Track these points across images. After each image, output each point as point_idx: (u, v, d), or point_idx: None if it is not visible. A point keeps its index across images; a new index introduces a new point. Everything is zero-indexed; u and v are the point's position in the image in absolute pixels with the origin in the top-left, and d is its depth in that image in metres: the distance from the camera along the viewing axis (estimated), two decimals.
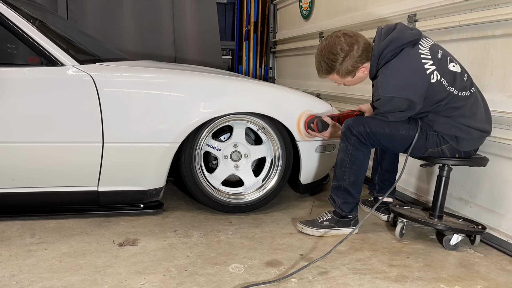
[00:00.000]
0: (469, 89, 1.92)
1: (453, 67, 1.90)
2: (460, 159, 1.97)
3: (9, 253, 1.82)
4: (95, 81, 2.05)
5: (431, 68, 1.84)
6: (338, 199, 2.08)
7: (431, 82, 1.84)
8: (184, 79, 2.21)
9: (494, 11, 1.98)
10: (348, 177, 2.03)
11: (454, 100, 1.88)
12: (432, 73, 1.84)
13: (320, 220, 2.12)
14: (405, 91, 1.82)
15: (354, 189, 2.05)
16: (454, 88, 1.88)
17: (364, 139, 1.98)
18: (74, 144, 2.07)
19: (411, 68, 1.85)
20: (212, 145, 2.36)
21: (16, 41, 2.06)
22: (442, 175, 2.02)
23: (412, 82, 1.83)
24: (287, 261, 1.81)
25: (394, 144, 2.01)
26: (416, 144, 1.96)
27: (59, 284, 1.58)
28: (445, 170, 2.00)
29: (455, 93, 1.88)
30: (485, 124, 1.93)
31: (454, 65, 1.91)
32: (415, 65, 1.85)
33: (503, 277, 1.72)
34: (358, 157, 2.01)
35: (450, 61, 1.91)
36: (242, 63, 5.30)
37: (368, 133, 1.96)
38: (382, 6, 2.87)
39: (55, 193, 2.17)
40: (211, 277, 1.65)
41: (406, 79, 1.84)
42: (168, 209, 2.43)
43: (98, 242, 1.95)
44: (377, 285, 1.63)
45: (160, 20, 4.52)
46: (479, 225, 2.00)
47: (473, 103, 1.91)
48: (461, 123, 1.89)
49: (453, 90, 1.88)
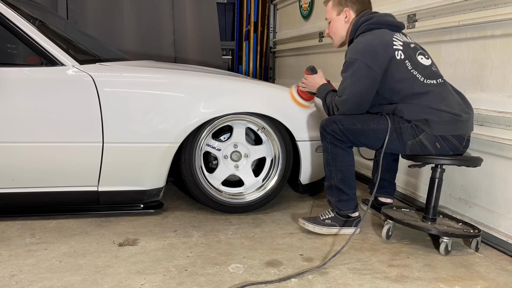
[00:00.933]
0: (437, 78, 1.96)
1: (421, 59, 1.99)
2: (451, 158, 1.93)
3: (9, 253, 1.82)
4: (95, 81, 2.05)
5: (398, 48, 1.97)
6: (332, 198, 2.09)
7: (395, 57, 1.94)
8: (184, 79, 2.21)
9: (494, 11, 1.98)
10: (335, 174, 2.05)
11: (419, 86, 1.92)
12: (397, 50, 1.96)
13: (323, 218, 2.13)
14: (368, 57, 1.93)
15: (345, 186, 2.06)
16: (417, 72, 1.94)
17: (338, 136, 2.01)
18: (74, 144, 2.07)
19: (379, 41, 1.97)
20: (212, 145, 2.36)
21: (16, 41, 2.06)
22: (434, 176, 1.99)
23: (376, 51, 1.94)
24: (287, 261, 1.81)
25: (369, 140, 2.02)
26: (392, 140, 1.96)
27: (59, 284, 1.58)
28: (438, 171, 1.97)
29: (420, 78, 1.93)
30: (458, 110, 1.91)
31: (422, 58, 2.00)
32: (384, 40, 1.98)
33: (503, 277, 1.72)
34: (338, 153, 2.03)
35: (420, 54, 2.01)
36: (242, 63, 5.30)
37: (341, 130, 2.00)
38: (382, 6, 2.87)
39: (55, 193, 2.17)
40: (211, 277, 1.66)
41: (372, 48, 1.95)
42: (168, 209, 2.43)
43: (98, 242, 1.95)
44: (377, 285, 1.63)
45: (160, 20, 4.52)
46: (475, 229, 1.97)
47: (442, 90, 1.94)
48: (429, 106, 1.90)
49: (416, 73, 1.94)
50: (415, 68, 1.95)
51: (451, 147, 1.95)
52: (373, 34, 2.01)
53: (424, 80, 1.94)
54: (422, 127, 1.92)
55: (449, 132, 1.92)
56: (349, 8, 2.14)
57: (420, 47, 2.07)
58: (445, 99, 1.93)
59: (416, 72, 1.94)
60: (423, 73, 1.95)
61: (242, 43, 5.28)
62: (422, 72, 1.95)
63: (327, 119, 2.06)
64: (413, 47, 2.03)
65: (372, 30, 2.03)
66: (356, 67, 1.94)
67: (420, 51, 2.03)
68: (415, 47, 2.03)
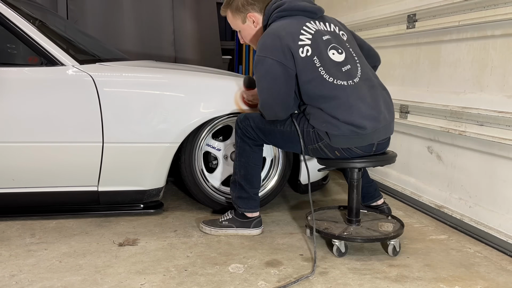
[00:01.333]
0: (348, 80, 1.79)
1: (333, 55, 1.82)
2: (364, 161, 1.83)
3: (9, 253, 1.82)
4: (95, 81, 2.05)
5: (305, 43, 1.79)
6: (233, 193, 2.07)
7: (299, 55, 1.77)
8: (184, 79, 2.21)
9: (494, 11, 1.98)
10: (239, 170, 2.03)
11: (326, 88, 1.77)
12: (302, 47, 1.78)
13: (221, 220, 2.09)
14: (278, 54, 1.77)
15: (247, 184, 2.02)
16: (325, 71, 1.78)
17: (248, 132, 1.98)
18: (74, 144, 2.07)
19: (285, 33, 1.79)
20: (212, 145, 2.36)
21: (16, 41, 2.07)
22: (352, 177, 1.90)
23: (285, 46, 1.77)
24: (287, 261, 1.81)
25: (277, 141, 1.97)
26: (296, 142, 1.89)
27: (59, 284, 1.58)
28: (355, 172, 1.89)
29: (327, 79, 1.77)
30: (365, 120, 1.76)
31: (334, 53, 1.82)
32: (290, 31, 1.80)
33: (503, 277, 1.72)
34: (245, 149, 2.01)
35: (333, 48, 1.83)
36: (242, 63, 5.30)
37: (252, 127, 1.96)
38: (382, 6, 2.87)
39: (55, 193, 2.17)
40: (211, 277, 1.66)
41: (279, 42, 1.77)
42: (168, 209, 2.43)
43: (98, 242, 1.95)
44: (377, 285, 1.63)
45: (160, 20, 4.53)
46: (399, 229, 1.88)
47: (351, 95, 1.77)
48: (331, 115, 1.77)
49: (324, 73, 1.77)
50: (323, 66, 1.78)
51: (355, 154, 1.84)
52: (280, 25, 1.82)
53: (333, 80, 1.78)
54: (323, 137, 1.82)
55: (350, 145, 1.81)
56: (251, 11, 1.97)
57: (338, 38, 1.88)
58: (351, 107, 1.76)
59: (324, 71, 1.78)
60: (331, 72, 1.78)
61: (242, 43, 5.27)
62: (330, 71, 1.78)
63: (243, 115, 2.02)
64: (326, 39, 1.83)
65: (283, 18, 1.86)
66: (268, 66, 1.78)
67: (333, 45, 1.83)
68: (328, 39, 1.84)
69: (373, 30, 2.98)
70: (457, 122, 2.17)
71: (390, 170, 2.85)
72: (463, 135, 2.14)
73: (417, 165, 2.56)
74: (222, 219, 2.09)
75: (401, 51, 2.73)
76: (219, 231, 2.06)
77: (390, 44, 2.80)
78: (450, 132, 2.21)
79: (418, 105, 2.44)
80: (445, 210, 2.30)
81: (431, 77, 2.46)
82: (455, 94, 2.24)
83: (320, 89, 1.78)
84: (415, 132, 2.58)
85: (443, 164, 2.36)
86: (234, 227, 2.06)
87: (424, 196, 2.50)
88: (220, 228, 2.06)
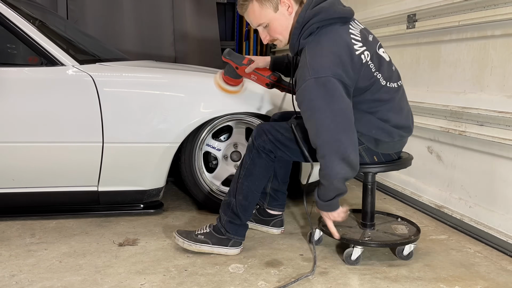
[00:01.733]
0: (397, 81, 1.74)
1: (383, 53, 1.72)
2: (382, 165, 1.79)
3: (9, 253, 1.82)
4: (95, 81, 2.05)
5: (360, 50, 1.61)
6: (224, 216, 1.87)
7: (364, 62, 1.61)
8: (184, 79, 2.21)
9: (494, 11, 1.98)
10: (238, 193, 1.85)
11: (380, 90, 1.66)
12: (362, 53, 1.61)
13: (197, 232, 1.88)
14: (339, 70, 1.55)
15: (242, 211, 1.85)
16: (381, 75, 1.65)
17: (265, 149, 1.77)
18: (74, 144, 2.07)
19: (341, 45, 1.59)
20: (212, 145, 2.36)
21: (16, 41, 2.06)
22: (367, 180, 1.85)
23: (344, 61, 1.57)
24: (287, 261, 1.81)
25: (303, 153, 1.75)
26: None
27: (59, 284, 1.58)
28: (369, 176, 1.85)
29: (382, 82, 1.66)
30: (410, 122, 1.77)
31: (384, 51, 1.73)
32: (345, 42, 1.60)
33: (503, 277, 1.72)
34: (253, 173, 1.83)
35: (380, 46, 1.73)
36: None
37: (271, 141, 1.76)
38: (382, 6, 2.87)
39: (55, 193, 2.17)
40: (211, 277, 1.66)
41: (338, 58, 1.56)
42: (168, 209, 2.43)
43: (98, 242, 1.95)
44: (377, 285, 1.63)
45: (160, 20, 4.53)
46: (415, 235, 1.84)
47: (401, 98, 1.75)
48: (384, 120, 1.68)
49: (379, 77, 1.65)
50: (378, 70, 1.64)
51: (390, 158, 1.81)
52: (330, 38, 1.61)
53: (386, 83, 1.67)
54: (365, 142, 1.71)
55: (394, 150, 1.79)
56: None
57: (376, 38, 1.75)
58: (402, 109, 1.71)
59: (380, 75, 1.64)
60: (385, 75, 1.67)
61: (242, 43, 5.28)
62: (384, 74, 1.66)
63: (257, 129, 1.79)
64: (373, 39, 1.69)
65: (324, 28, 1.63)
66: (330, 86, 1.54)
67: (379, 43, 1.71)
68: (374, 38, 1.71)
69: (373, 30, 2.92)
70: (457, 122, 2.17)
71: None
72: (463, 135, 2.14)
73: (417, 165, 2.56)
74: (198, 232, 1.88)
75: (401, 51, 2.73)
76: (193, 245, 1.83)
77: (390, 44, 2.79)
78: (450, 132, 2.21)
79: (418, 105, 2.44)
80: (445, 210, 2.30)
81: (431, 77, 2.46)
82: (455, 94, 2.24)
83: (374, 94, 1.66)
84: (415, 132, 2.56)
85: (443, 164, 2.36)
86: (209, 244, 1.84)
87: (424, 196, 2.50)
88: (195, 243, 1.84)
